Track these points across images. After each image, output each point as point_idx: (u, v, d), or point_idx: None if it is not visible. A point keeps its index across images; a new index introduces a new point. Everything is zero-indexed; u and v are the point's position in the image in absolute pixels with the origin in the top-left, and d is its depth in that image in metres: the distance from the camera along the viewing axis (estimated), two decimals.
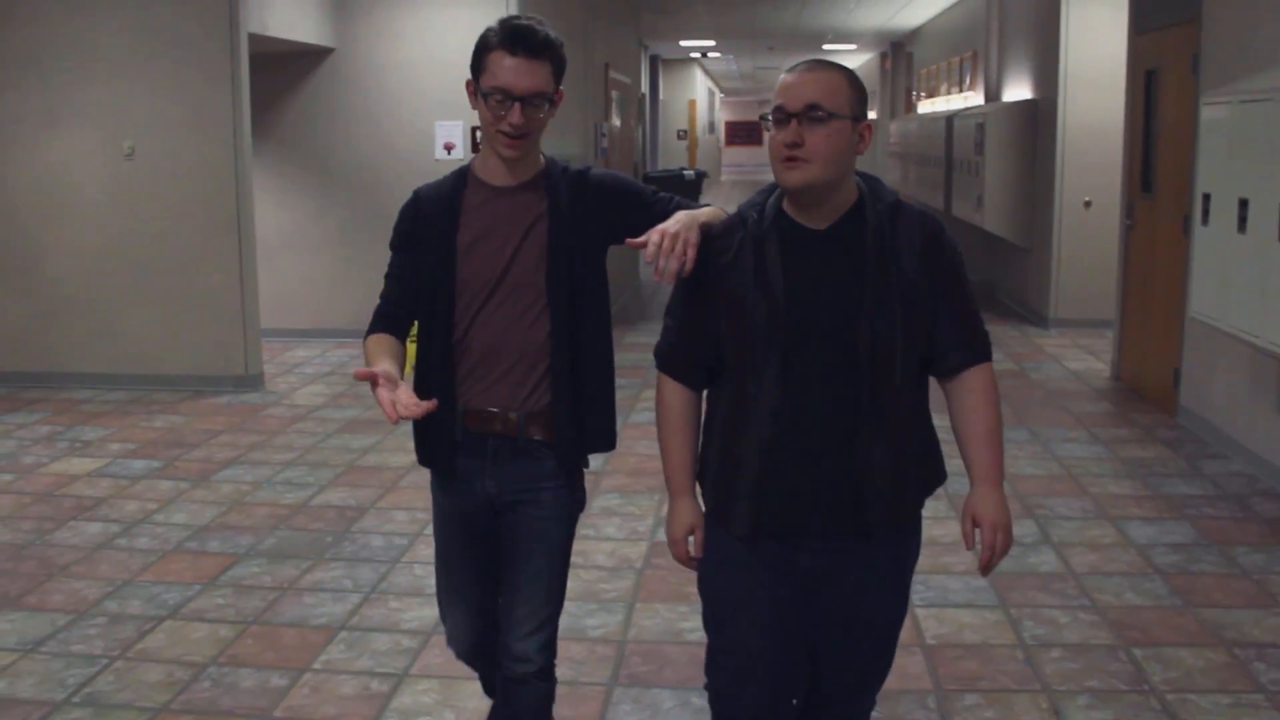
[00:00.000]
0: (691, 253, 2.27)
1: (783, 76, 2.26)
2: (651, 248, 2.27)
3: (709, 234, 2.33)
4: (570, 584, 2.85)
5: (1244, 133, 5.25)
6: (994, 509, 2.30)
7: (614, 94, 11.82)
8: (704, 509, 2.44)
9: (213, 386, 7.99)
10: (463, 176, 2.66)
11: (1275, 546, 4.82)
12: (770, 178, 2.30)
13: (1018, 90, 11.14)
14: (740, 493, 2.30)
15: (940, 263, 2.28)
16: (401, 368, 2.57)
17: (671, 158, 25.54)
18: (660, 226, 2.30)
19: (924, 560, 2.67)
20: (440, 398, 2.50)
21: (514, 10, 9.45)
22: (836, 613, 2.37)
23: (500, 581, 2.72)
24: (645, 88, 19.82)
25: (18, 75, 8.01)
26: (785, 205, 2.30)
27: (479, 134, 2.62)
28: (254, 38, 8.06)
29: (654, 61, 22.76)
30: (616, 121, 12.07)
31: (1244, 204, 5.11)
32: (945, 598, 4.31)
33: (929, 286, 2.26)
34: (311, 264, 9.86)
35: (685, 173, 20.63)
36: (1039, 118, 10.23)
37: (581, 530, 4.90)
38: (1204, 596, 4.33)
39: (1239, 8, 6.01)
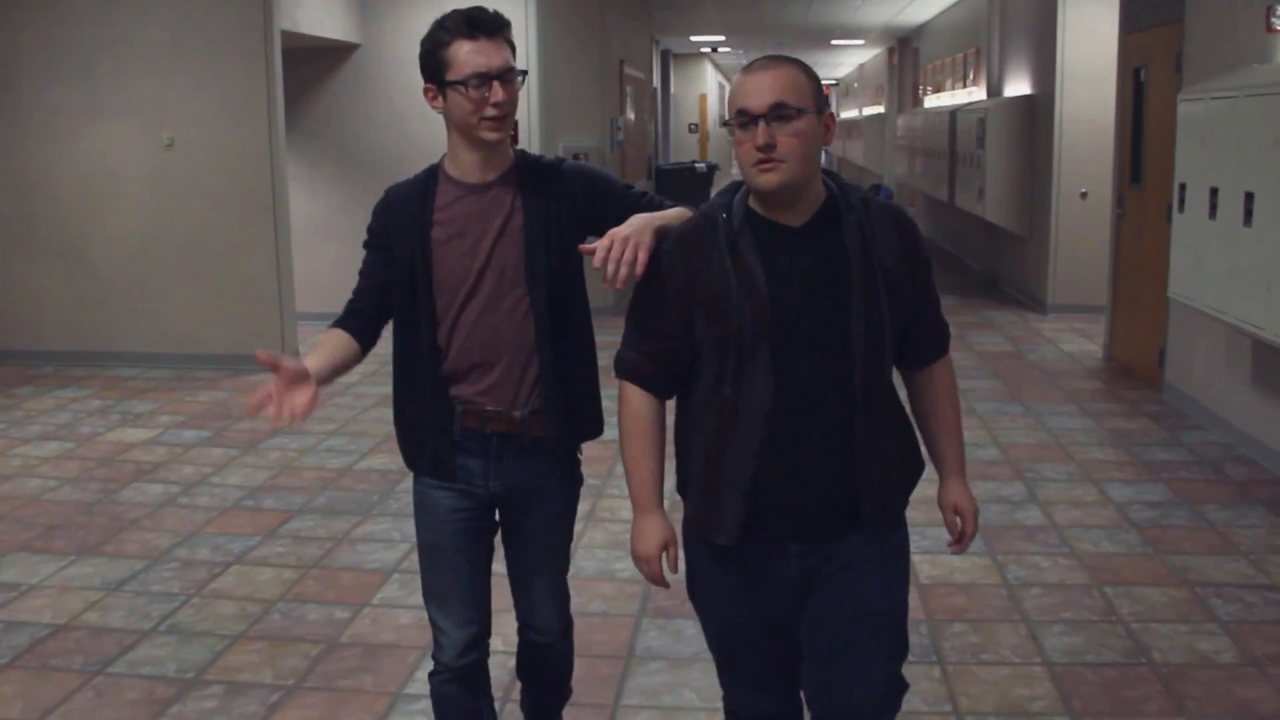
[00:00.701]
0: (643, 255, 2.26)
1: (740, 79, 2.23)
2: (600, 252, 2.26)
3: (667, 236, 2.32)
4: (597, 534, 3.25)
5: (1214, 127, 5.67)
6: (969, 499, 2.44)
7: (629, 89, 12.25)
8: (683, 521, 2.40)
9: (250, 365, 8.42)
10: (433, 175, 2.64)
11: (1242, 504, 5.25)
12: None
13: (1018, 86, 11.54)
14: (730, 500, 2.25)
15: (918, 257, 2.30)
16: (338, 371, 2.59)
17: (683, 151, 25.93)
18: (611, 231, 2.30)
19: (920, 514, 3.04)
20: (431, 399, 2.59)
21: (533, 8, 9.92)
22: (828, 611, 2.32)
23: (510, 562, 2.80)
24: (657, 82, 20.22)
25: (60, 69, 8.44)
26: (753, 203, 2.27)
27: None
28: (284, 34, 8.49)
29: (665, 56, 23.13)
30: (631, 115, 12.50)
31: (1214, 192, 5.54)
32: (939, 546, 4.71)
33: (908, 280, 2.27)
34: (340, 251, 10.22)
35: (697, 165, 21.03)
36: (1037, 112, 10.64)
37: (608, 490, 5.38)
38: (1173, 546, 4.76)
39: (1218, 10, 6.43)
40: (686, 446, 2.36)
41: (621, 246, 2.26)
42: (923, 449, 2.43)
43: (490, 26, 2.51)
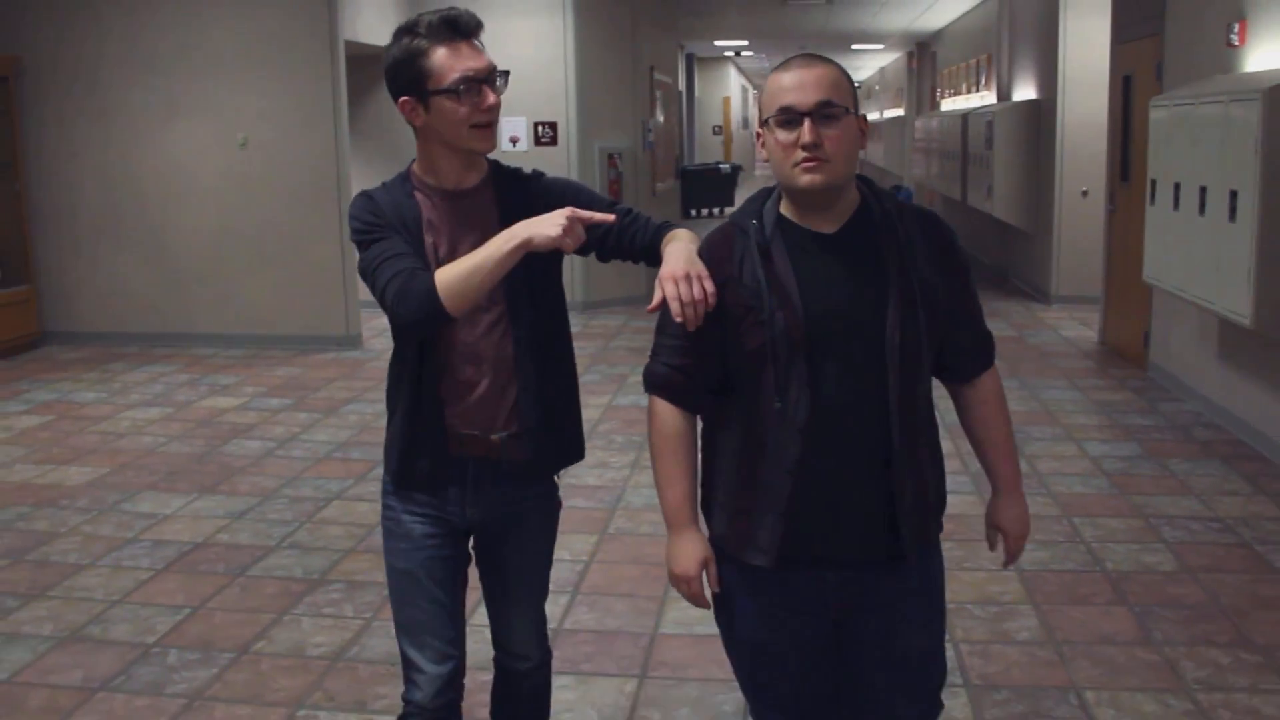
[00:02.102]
0: (710, 286, 2.13)
1: (779, 76, 2.15)
2: (673, 303, 2.12)
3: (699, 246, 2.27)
4: (622, 522, 3.70)
5: (1178, 130, 6.44)
6: (1019, 520, 2.37)
7: (658, 93, 13.07)
8: (710, 540, 2.30)
9: (318, 345, 9.28)
10: (407, 181, 2.49)
11: (1202, 459, 6.02)
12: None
13: (1024, 91, 12.30)
14: (765, 520, 2.16)
15: (956, 265, 2.22)
16: None
17: (707, 152, 26.73)
18: (666, 273, 2.15)
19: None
20: (424, 416, 2.47)
21: (570, 19, 10.74)
22: (870, 646, 2.25)
23: (486, 588, 2.70)
24: (682, 85, 21.03)
25: (144, 75, 9.32)
26: (784, 210, 2.20)
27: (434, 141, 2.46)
28: (345, 44, 9.34)
29: (690, 60, 23.93)
30: (661, 118, 13.33)
31: (1178, 187, 6.31)
32: None
33: (945, 289, 2.18)
34: None
35: (721, 166, 21.84)
36: (1042, 116, 11.39)
37: (634, 480, 6.10)
38: (1136, 489, 5.54)
39: (1191, 24, 7.19)
40: (714, 463, 2.28)
41: (688, 286, 2.11)
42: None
43: (469, 28, 2.37)
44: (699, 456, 2.30)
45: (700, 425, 2.31)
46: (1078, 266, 10.81)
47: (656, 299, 2.15)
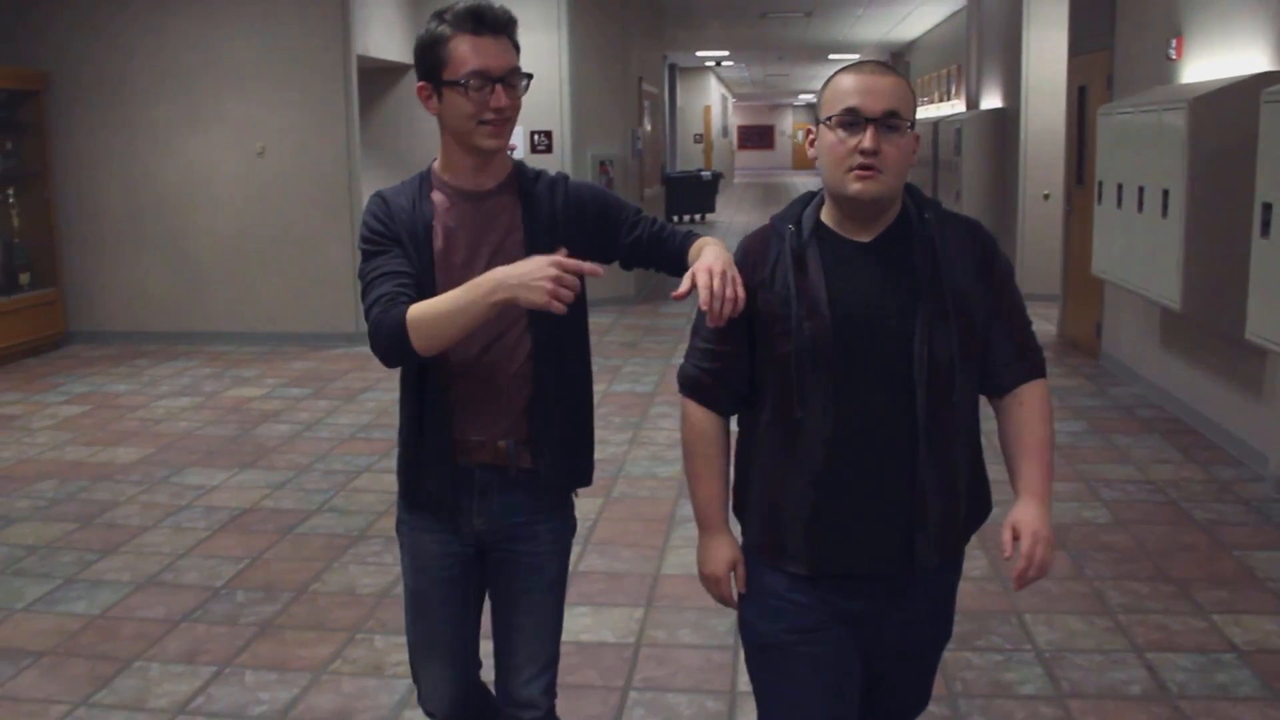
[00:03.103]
0: (741, 291, 2.09)
1: (847, 78, 2.10)
2: (704, 291, 2.06)
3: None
4: (624, 488, 4.16)
5: (1121, 136, 7.14)
6: (1035, 519, 2.15)
7: (646, 103, 13.74)
8: (744, 545, 2.30)
9: (329, 342, 9.90)
10: (426, 180, 2.44)
11: (1142, 434, 6.70)
12: (779, 183, 2.78)
13: (991, 99, 13.01)
14: (794, 529, 2.15)
15: (994, 275, 2.16)
16: None
17: (689, 160, 27.44)
18: (702, 264, 2.09)
19: None
20: (433, 429, 2.40)
21: (565, 34, 11.39)
22: (881, 649, 2.25)
23: (495, 621, 2.56)
24: (664, 94, 21.72)
25: (168, 88, 9.93)
26: (825, 216, 2.16)
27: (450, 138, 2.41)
28: (357, 57, 9.97)
29: (672, 70, 24.61)
30: (648, 127, 13.99)
31: (1120, 188, 7.00)
32: None
33: (983, 299, 2.13)
34: None
35: (703, 174, 22.57)
36: (1006, 124, 12.10)
37: (633, 454, 6.76)
38: (1080, 458, 6.22)
39: (1136, 39, 7.88)
40: (745, 468, 2.26)
41: (722, 282, 2.06)
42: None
43: (497, 22, 2.30)
44: (734, 461, 2.29)
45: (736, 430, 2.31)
46: (1040, 266, 11.46)
47: (685, 285, 2.10)
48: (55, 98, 9.97)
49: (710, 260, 2.10)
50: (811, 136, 2.17)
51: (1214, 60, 6.49)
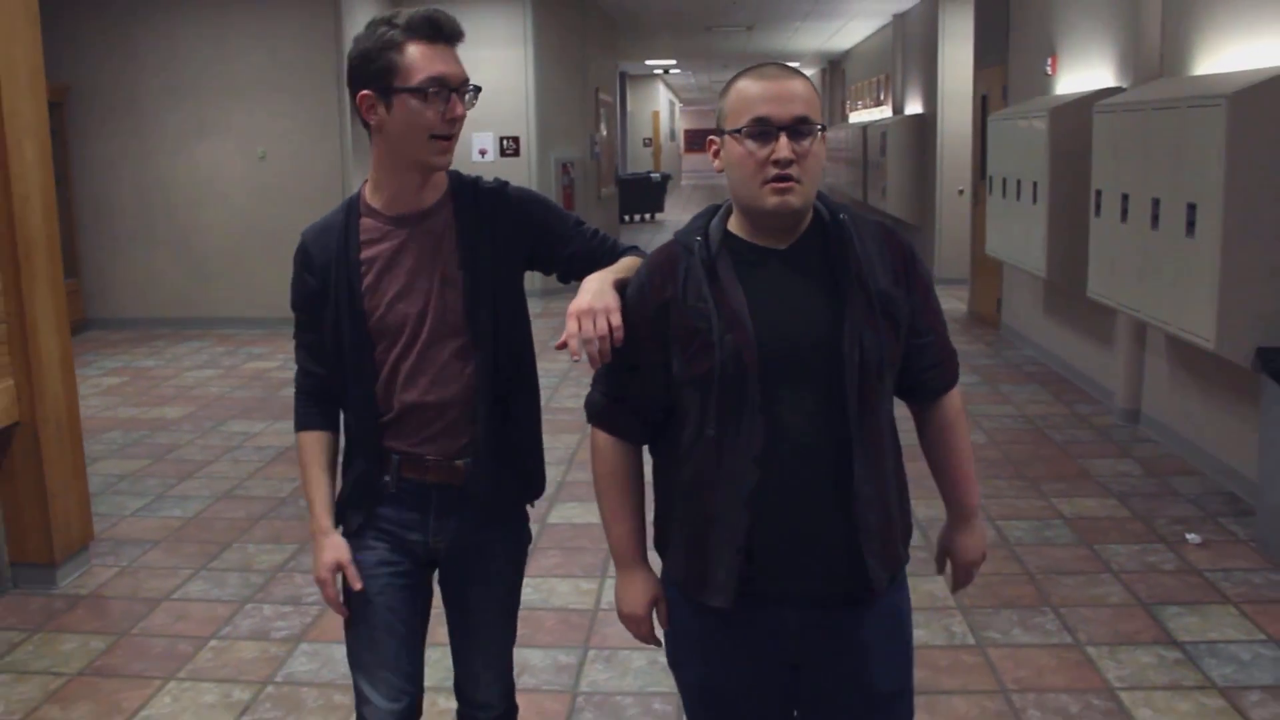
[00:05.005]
0: (615, 320, 1.99)
1: (752, 84, 1.96)
2: (571, 340, 1.99)
3: (638, 270, 2.11)
4: None
5: (1004, 138, 8.56)
6: (975, 549, 2.27)
7: (602, 110, 15.05)
8: (666, 580, 2.17)
9: None
10: (353, 208, 2.35)
11: (1023, 383, 8.11)
12: (724, 184, 2.04)
13: (913, 105, 14.45)
14: (721, 557, 1.99)
15: (916, 280, 2.07)
16: (335, 468, 2.43)
17: (639, 162, 28.76)
18: (573, 308, 2.01)
19: None
20: (368, 452, 2.36)
21: (531, 49, 12.68)
22: (836, 690, 2.09)
23: (451, 637, 2.53)
24: (615, 101, 23.02)
25: (177, 99, 11.11)
26: (733, 226, 2.04)
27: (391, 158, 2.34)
28: None
29: (622, 77, 25.87)
30: (604, 132, 15.31)
31: (1004, 181, 8.43)
32: None
33: (905, 303, 2.03)
34: None
35: (652, 175, 23.87)
36: (926, 127, 13.53)
37: None
38: (969, 401, 7.56)
39: (1023, 56, 9.31)
40: (665, 499, 2.12)
41: (590, 321, 1.98)
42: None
43: (454, 32, 2.22)
44: (653, 492, 2.17)
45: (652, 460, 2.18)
46: (955, 253, 12.87)
47: (562, 338, 2.00)
48: (75, 108, 11.11)
49: (579, 302, 2.03)
50: (715, 147, 2.03)
51: (1078, 76, 7.90)
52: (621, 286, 2.09)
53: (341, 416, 2.44)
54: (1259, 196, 4.86)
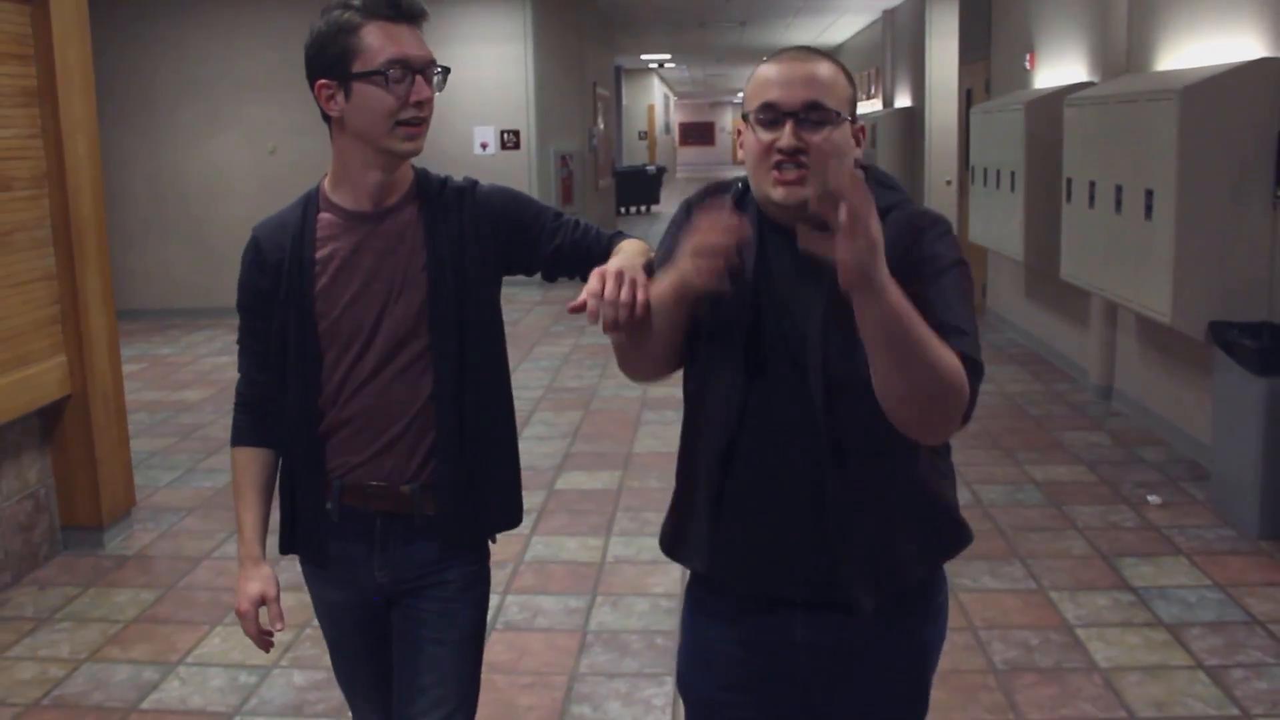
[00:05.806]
0: (641, 295, 1.78)
1: (767, 69, 1.82)
2: (590, 299, 1.76)
3: (699, 194, 1.96)
4: (597, 405, 6.08)
5: (986, 130, 8.98)
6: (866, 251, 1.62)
7: (599, 104, 15.45)
8: (685, 589, 2.07)
9: None
10: (311, 203, 2.17)
11: (1007, 364, 8.53)
12: (719, 177, 2.22)
13: (902, 99, 14.86)
14: (699, 515, 1.91)
15: (924, 266, 1.75)
16: (273, 490, 2.25)
17: (634, 156, 29.15)
18: (598, 269, 1.81)
19: None
20: (309, 472, 2.16)
21: (530, 44, 13.07)
22: (837, 715, 1.94)
23: (396, 685, 2.23)
24: (612, 94, 23.41)
25: (189, 96, 11.51)
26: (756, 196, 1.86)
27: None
28: None
29: (618, 71, 26.22)
30: (601, 125, 15.72)
31: (985, 171, 8.84)
32: None
33: (906, 287, 1.62)
34: None
35: (648, 168, 24.30)
36: (914, 120, 13.93)
37: (603, 384, 8.40)
38: None
39: (1004, 51, 9.72)
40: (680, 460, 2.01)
41: (615, 283, 1.77)
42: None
43: (414, 10, 2.07)
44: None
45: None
46: None
47: (580, 298, 1.81)
48: None
49: (612, 263, 1.87)
50: (740, 135, 1.90)
51: (1054, 71, 8.32)
52: (649, 269, 1.92)
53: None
54: (1209, 183, 5.28)
